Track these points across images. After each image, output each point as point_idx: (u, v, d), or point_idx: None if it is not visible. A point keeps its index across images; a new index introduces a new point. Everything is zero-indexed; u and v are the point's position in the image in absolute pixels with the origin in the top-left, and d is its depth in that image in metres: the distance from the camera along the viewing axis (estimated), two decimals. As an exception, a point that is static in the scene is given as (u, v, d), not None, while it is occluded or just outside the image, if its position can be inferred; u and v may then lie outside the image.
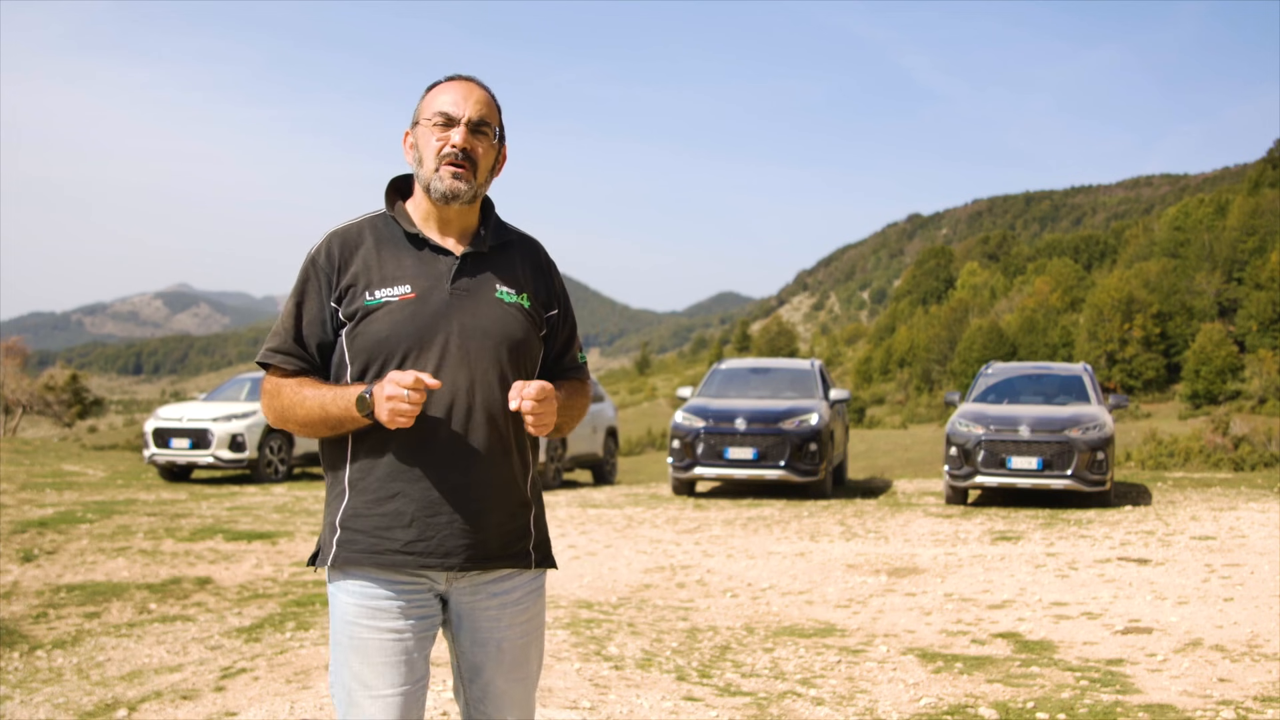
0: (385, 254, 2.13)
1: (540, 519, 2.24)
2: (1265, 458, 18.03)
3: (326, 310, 2.12)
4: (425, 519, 2.06)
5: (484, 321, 2.12)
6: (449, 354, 2.08)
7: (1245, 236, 76.02)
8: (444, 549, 2.07)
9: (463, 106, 2.12)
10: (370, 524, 2.08)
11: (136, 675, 4.92)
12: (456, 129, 2.11)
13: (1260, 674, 4.74)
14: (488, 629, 2.16)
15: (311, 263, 2.14)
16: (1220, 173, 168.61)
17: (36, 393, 32.75)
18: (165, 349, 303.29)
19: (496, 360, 2.11)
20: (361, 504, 2.09)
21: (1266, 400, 60.25)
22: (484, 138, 2.14)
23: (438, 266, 2.13)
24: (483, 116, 2.14)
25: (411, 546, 2.06)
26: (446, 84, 2.17)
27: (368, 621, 2.08)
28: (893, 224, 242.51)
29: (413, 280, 2.11)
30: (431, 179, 2.12)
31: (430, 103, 2.16)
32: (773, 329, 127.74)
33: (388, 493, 2.07)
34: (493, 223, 2.23)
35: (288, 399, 2.10)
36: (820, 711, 4.31)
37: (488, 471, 2.10)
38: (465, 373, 2.08)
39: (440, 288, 2.11)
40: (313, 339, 2.13)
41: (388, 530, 2.07)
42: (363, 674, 2.07)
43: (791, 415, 11.82)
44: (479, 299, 2.13)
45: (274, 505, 10.94)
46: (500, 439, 2.11)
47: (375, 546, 2.07)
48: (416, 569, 2.08)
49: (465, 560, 2.09)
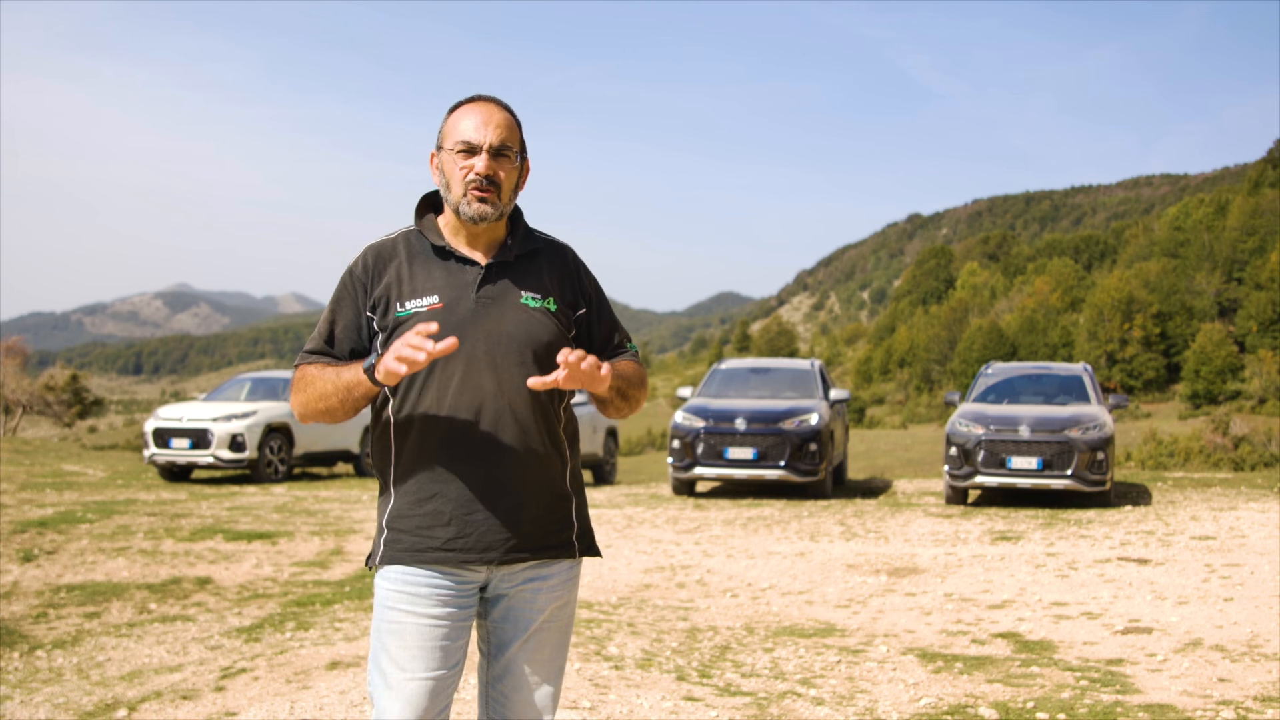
0: (416, 267, 2.24)
1: (582, 510, 2.34)
2: (1265, 458, 18.05)
3: (362, 318, 2.24)
4: (463, 517, 2.17)
5: (509, 327, 2.21)
6: (476, 359, 2.18)
7: (1245, 236, 76.06)
8: (482, 544, 2.17)
9: (483, 133, 2.21)
10: (413, 523, 2.19)
11: (136, 675, 4.92)
12: (479, 157, 2.20)
13: (1260, 674, 4.75)
14: (520, 610, 2.26)
15: (349, 274, 2.27)
16: (1220, 173, 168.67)
17: (36, 393, 32.75)
18: (165, 349, 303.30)
19: (522, 363, 2.20)
20: (404, 505, 2.20)
21: (1266, 400, 60.28)
22: (506, 160, 2.23)
23: (464, 277, 2.23)
24: (503, 140, 2.22)
25: (451, 544, 2.17)
26: (467, 107, 2.25)
27: (405, 607, 2.17)
28: (893, 224, 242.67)
29: (440, 291, 2.21)
30: (460, 204, 2.22)
31: (453, 129, 2.24)
32: (773, 329, 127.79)
33: (427, 493, 2.18)
34: (521, 232, 2.33)
35: (310, 376, 2.21)
36: (820, 711, 4.31)
37: (521, 469, 2.19)
38: (492, 377, 2.18)
39: (466, 297, 2.21)
40: (346, 344, 2.25)
41: (429, 529, 2.18)
42: (399, 656, 2.16)
43: (791, 415, 11.82)
44: (504, 305, 2.23)
45: (274, 505, 10.94)
46: (531, 437, 2.21)
47: (418, 545, 2.18)
48: (457, 565, 2.18)
49: (504, 554, 2.19)
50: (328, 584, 7.10)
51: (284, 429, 14.28)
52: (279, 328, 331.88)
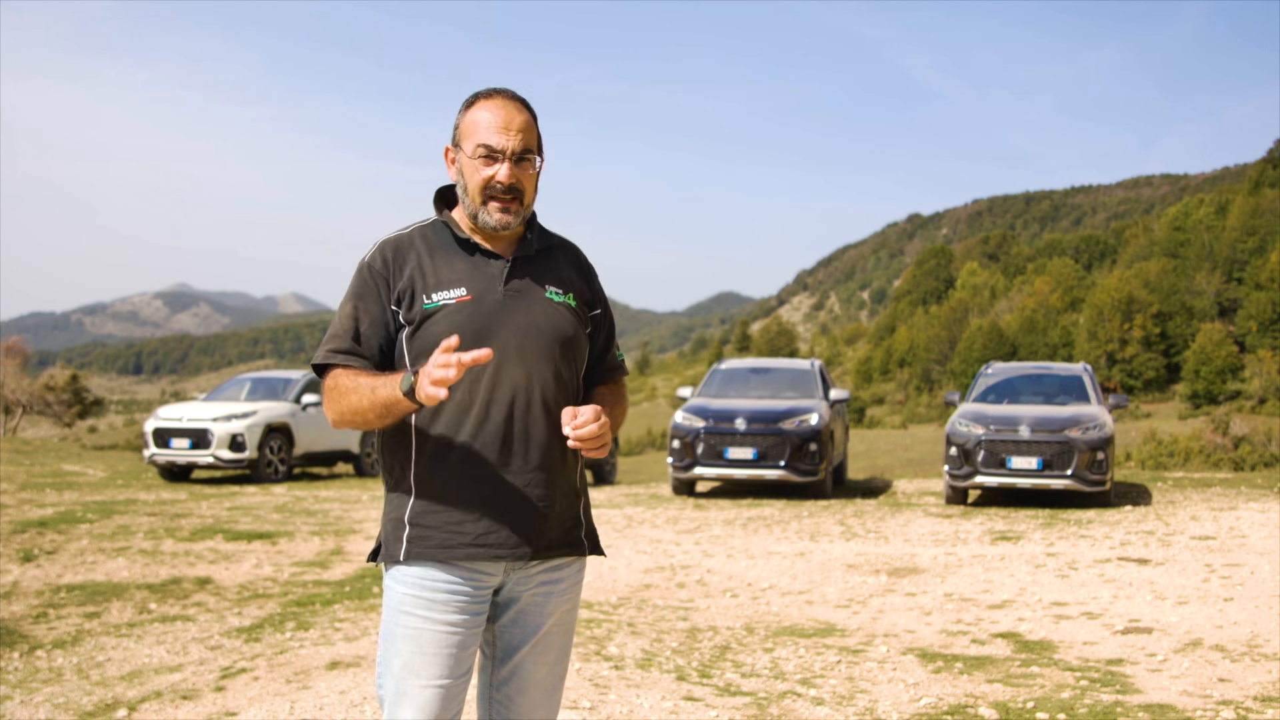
0: (439, 259, 2.20)
1: (587, 508, 2.33)
2: (1265, 458, 18.05)
3: (388, 313, 2.18)
4: (495, 512, 2.13)
5: (537, 319, 2.19)
6: (506, 352, 2.14)
7: (1245, 236, 76.03)
8: (513, 540, 2.14)
9: (506, 138, 2.14)
10: (441, 519, 2.14)
11: (136, 675, 4.92)
12: (501, 165, 2.15)
13: (1260, 674, 4.74)
14: (530, 614, 2.23)
15: (367, 268, 2.20)
16: (1220, 173, 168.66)
17: (36, 393, 32.76)
18: (165, 349, 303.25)
19: (550, 356, 2.18)
20: (430, 500, 2.15)
21: (1266, 400, 60.27)
22: (527, 165, 2.19)
23: (490, 270, 2.20)
24: (526, 145, 2.16)
25: (483, 539, 2.13)
26: (487, 104, 2.18)
27: (423, 612, 2.13)
28: (893, 224, 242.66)
29: (467, 283, 2.17)
30: (479, 211, 2.18)
31: (472, 128, 2.17)
32: (773, 329, 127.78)
33: (457, 488, 2.13)
34: (537, 227, 2.31)
35: (344, 387, 2.13)
36: (820, 711, 4.31)
37: (551, 463, 2.17)
38: (523, 369, 2.15)
39: (494, 289, 2.18)
40: (374, 340, 2.18)
41: (459, 525, 2.13)
42: (414, 662, 2.13)
43: (791, 415, 11.82)
44: (531, 299, 2.20)
45: (274, 505, 10.94)
46: (558, 431, 2.17)
47: (448, 541, 2.13)
48: (489, 560, 2.14)
49: (535, 550, 2.17)
50: (328, 584, 7.09)
51: (284, 429, 14.28)
52: (279, 328, 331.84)
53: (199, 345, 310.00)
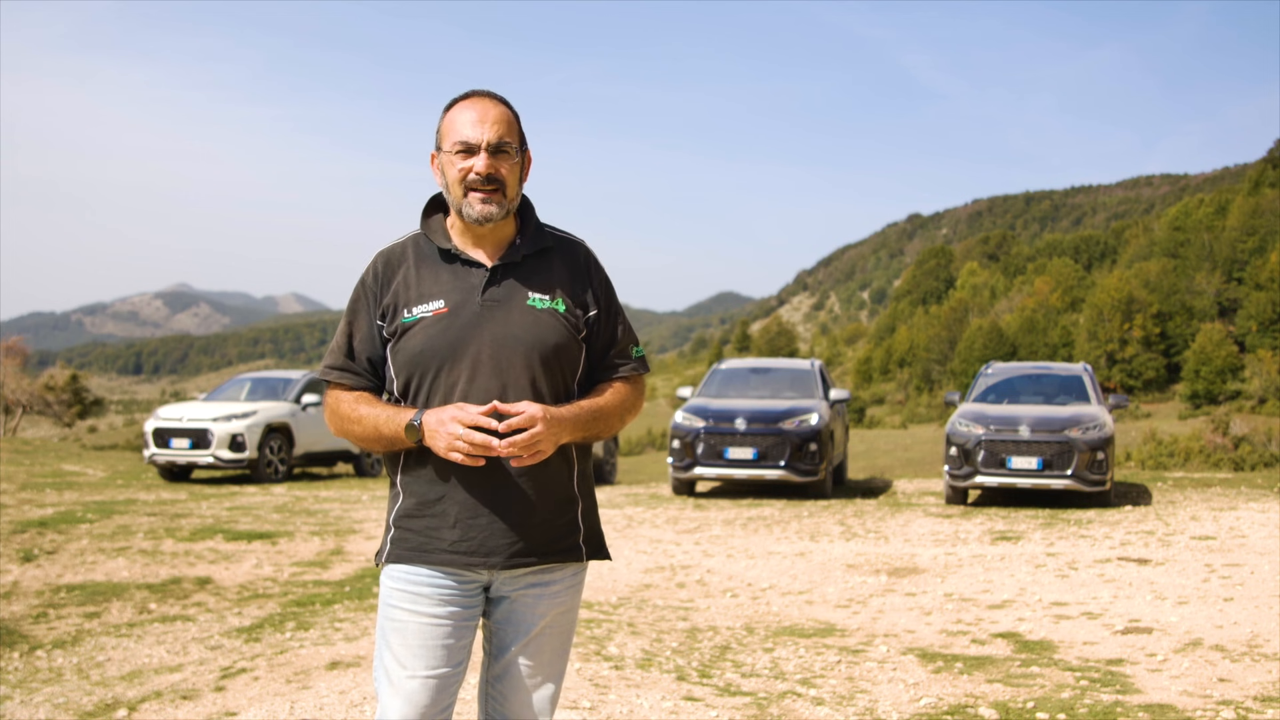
0: (424, 271, 2.23)
1: (590, 513, 2.31)
2: (1265, 458, 18.04)
3: (374, 327, 2.24)
4: (468, 520, 2.16)
5: (515, 329, 2.18)
6: (480, 364, 2.16)
7: (1245, 236, 76.03)
8: (486, 548, 2.17)
9: (480, 130, 2.16)
10: (420, 524, 2.19)
11: (136, 675, 4.92)
12: (478, 156, 2.16)
13: (1260, 674, 4.74)
14: (521, 613, 2.25)
15: (362, 283, 2.27)
16: (1220, 173, 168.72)
17: (36, 393, 32.78)
18: (165, 349, 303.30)
19: (528, 367, 2.18)
20: (412, 505, 2.21)
21: (1266, 400, 60.25)
22: (506, 157, 2.19)
23: (470, 280, 2.21)
24: (501, 137, 2.17)
25: (456, 546, 2.17)
26: (462, 105, 2.21)
27: (408, 605, 2.18)
28: (893, 224, 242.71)
29: (446, 295, 2.19)
30: (462, 205, 2.19)
31: (450, 128, 2.20)
32: (773, 329, 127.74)
33: (434, 495, 2.18)
34: (531, 229, 2.28)
35: (346, 414, 2.23)
36: (820, 711, 4.31)
37: (526, 472, 2.17)
38: (497, 381, 2.16)
39: (471, 300, 2.19)
40: (364, 355, 2.25)
41: (435, 530, 2.18)
42: (401, 654, 2.17)
43: (791, 415, 11.82)
44: (510, 308, 2.20)
45: (274, 505, 10.94)
46: None
47: (424, 545, 2.18)
48: (462, 567, 2.18)
49: (508, 558, 2.18)
50: (328, 584, 7.09)
51: (284, 429, 14.28)
52: (279, 328, 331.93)
53: (199, 345, 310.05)
